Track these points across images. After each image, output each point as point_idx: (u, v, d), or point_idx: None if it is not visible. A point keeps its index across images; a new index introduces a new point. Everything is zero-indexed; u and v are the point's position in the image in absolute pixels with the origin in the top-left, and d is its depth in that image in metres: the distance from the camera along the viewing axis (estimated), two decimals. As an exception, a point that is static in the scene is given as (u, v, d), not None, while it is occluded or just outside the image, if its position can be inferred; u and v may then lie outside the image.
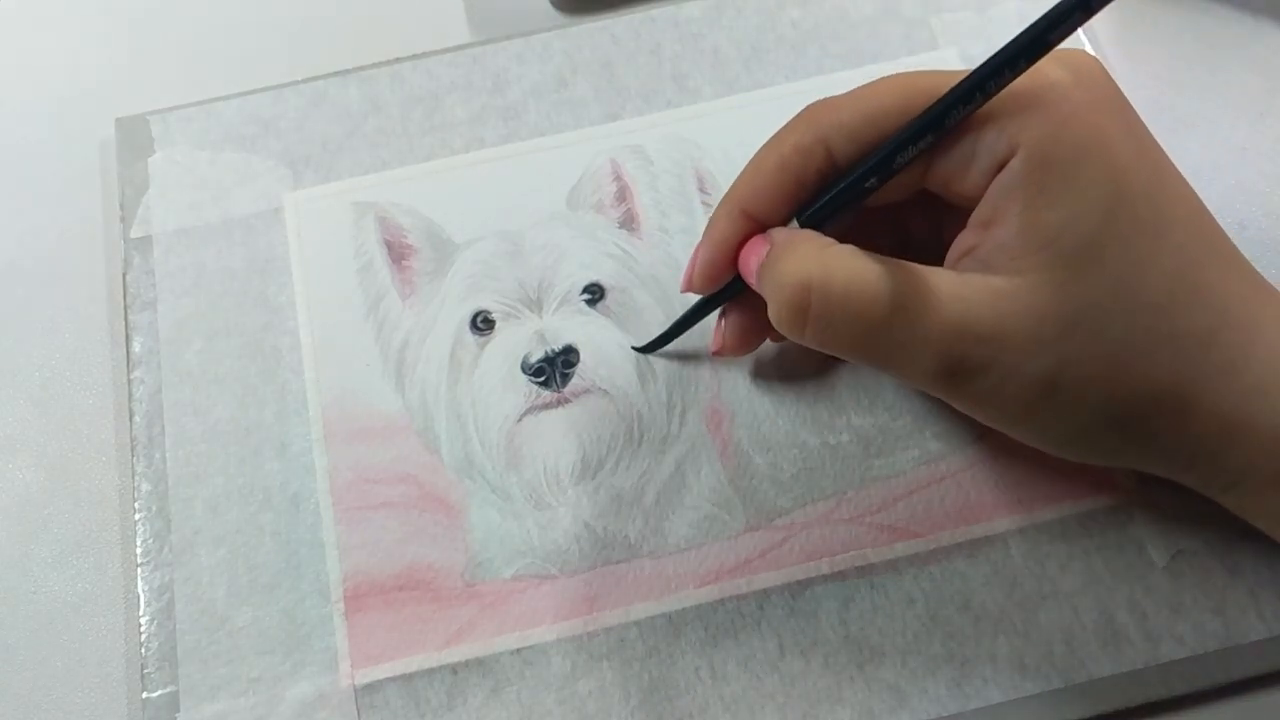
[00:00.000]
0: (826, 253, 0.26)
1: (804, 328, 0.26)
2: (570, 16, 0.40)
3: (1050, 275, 0.25)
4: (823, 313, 0.26)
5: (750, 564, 0.31)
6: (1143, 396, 0.25)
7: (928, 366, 0.25)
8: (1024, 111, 0.25)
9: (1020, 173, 0.25)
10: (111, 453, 0.34)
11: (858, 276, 0.25)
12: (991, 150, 0.25)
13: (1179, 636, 0.29)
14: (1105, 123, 0.25)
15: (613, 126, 0.37)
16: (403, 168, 0.37)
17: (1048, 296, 0.25)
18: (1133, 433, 0.26)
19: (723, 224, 0.29)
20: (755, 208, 0.28)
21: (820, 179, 0.28)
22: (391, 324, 0.34)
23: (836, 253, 0.26)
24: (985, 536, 0.31)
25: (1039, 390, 0.25)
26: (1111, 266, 0.25)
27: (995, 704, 0.29)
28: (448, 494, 0.32)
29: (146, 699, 0.30)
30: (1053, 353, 0.25)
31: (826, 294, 0.26)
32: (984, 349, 0.25)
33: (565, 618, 0.30)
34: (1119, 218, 0.25)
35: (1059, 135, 0.25)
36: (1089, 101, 0.25)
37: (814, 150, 0.27)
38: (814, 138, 0.27)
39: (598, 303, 0.34)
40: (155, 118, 0.38)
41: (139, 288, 0.35)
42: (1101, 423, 0.26)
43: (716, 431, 0.32)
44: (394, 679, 0.30)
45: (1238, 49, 0.38)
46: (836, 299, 0.25)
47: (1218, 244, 0.26)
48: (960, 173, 0.26)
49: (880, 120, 0.26)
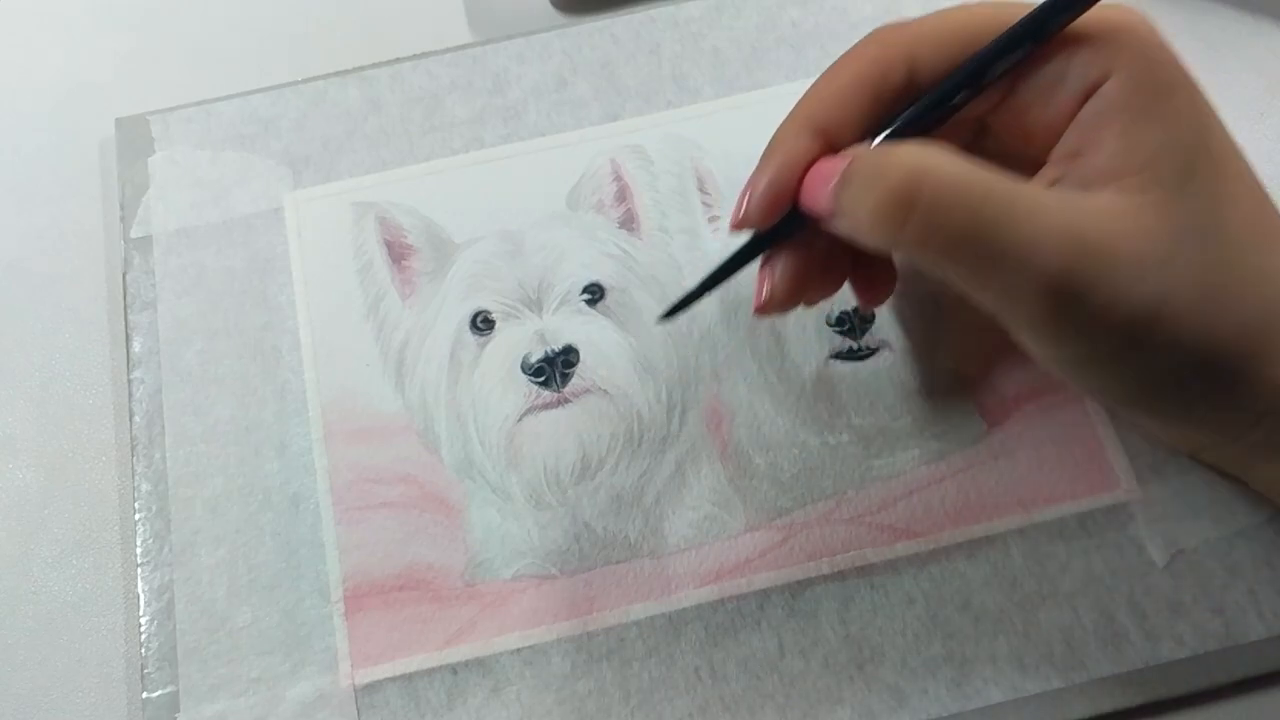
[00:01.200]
0: (931, 148, 0.25)
1: (907, 221, 0.24)
2: (570, 16, 0.40)
3: (1154, 195, 0.25)
4: (933, 202, 0.24)
5: (750, 564, 0.31)
6: (1232, 334, 0.25)
7: (1036, 277, 0.24)
8: (1115, 41, 0.25)
9: (1118, 96, 0.25)
10: (111, 453, 0.34)
11: (969, 172, 0.24)
12: (1084, 73, 0.25)
13: (1179, 636, 0.29)
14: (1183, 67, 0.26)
15: (613, 126, 0.37)
16: (403, 168, 0.37)
17: (1153, 216, 0.24)
18: (1216, 376, 0.26)
19: (791, 142, 0.26)
20: (829, 121, 0.26)
21: (896, 99, 0.26)
22: (391, 324, 0.34)
23: (942, 149, 0.25)
24: (985, 536, 0.31)
25: (1143, 317, 0.24)
26: (1204, 194, 0.25)
27: (995, 704, 0.29)
28: (448, 494, 0.32)
29: (146, 699, 0.30)
30: (1158, 277, 0.24)
31: (939, 181, 0.24)
32: (1096, 264, 0.24)
33: (565, 618, 0.30)
34: (1207, 149, 0.25)
35: (1153, 65, 0.25)
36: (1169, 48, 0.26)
37: (895, 65, 0.26)
38: (896, 52, 0.26)
39: (597, 303, 0.34)
40: (155, 118, 0.38)
41: (139, 288, 0.35)
42: (1191, 363, 0.25)
43: (716, 431, 0.32)
44: (394, 679, 0.30)
45: (1238, 49, 0.38)
46: (948, 188, 0.24)
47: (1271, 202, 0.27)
48: (1045, 96, 0.26)
49: (969, 34, 0.26)
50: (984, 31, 0.26)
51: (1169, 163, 0.25)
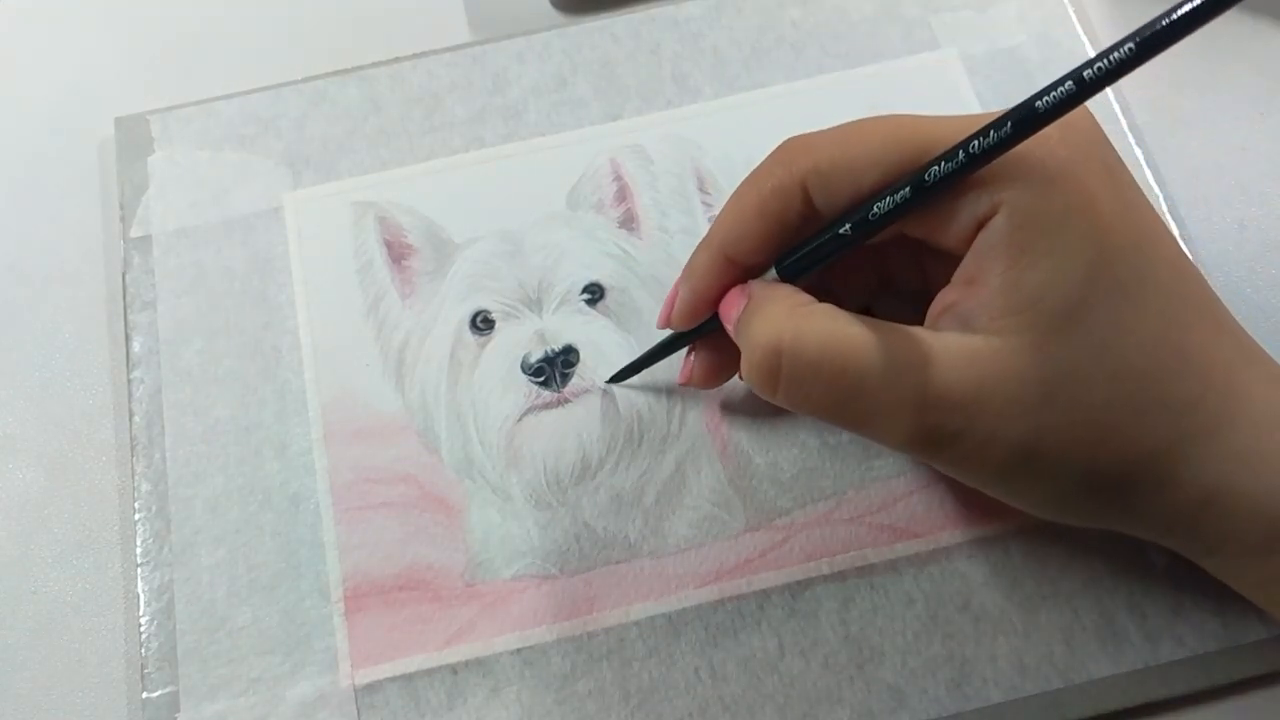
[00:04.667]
0: (798, 313, 0.26)
1: (775, 390, 0.26)
2: (570, 16, 0.40)
3: (1031, 338, 0.24)
4: (793, 377, 0.25)
5: (750, 564, 0.31)
6: (1122, 464, 0.25)
7: (902, 433, 0.25)
8: (1009, 171, 0.24)
9: (1003, 232, 0.24)
10: (111, 453, 0.34)
11: (830, 341, 0.25)
12: (973, 208, 0.25)
13: (1179, 637, 0.29)
14: (1091, 183, 0.25)
15: (613, 126, 0.37)
16: (403, 168, 0.37)
17: (1027, 360, 0.24)
18: (1111, 499, 0.25)
19: (704, 268, 0.28)
20: (736, 251, 0.28)
21: (801, 221, 0.27)
22: (391, 324, 0.34)
23: (809, 313, 0.26)
24: (985, 536, 0.31)
25: (1016, 457, 0.24)
26: (1093, 331, 0.24)
27: (995, 704, 0.29)
28: (448, 494, 0.32)
29: (146, 699, 0.30)
30: (1031, 419, 0.24)
31: (796, 359, 0.25)
32: (960, 415, 0.24)
33: (565, 618, 0.30)
34: (1102, 281, 0.24)
35: (1043, 196, 0.24)
36: (1075, 160, 0.25)
37: (793, 193, 0.26)
38: (793, 181, 0.26)
39: (597, 302, 0.34)
40: (155, 117, 0.38)
41: (139, 288, 0.35)
42: (1080, 490, 0.25)
43: (716, 431, 0.32)
44: (394, 679, 0.30)
45: (1238, 49, 0.38)
46: (807, 365, 0.25)
47: (1204, 306, 0.26)
48: (941, 228, 0.25)
49: (859, 168, 0.26)
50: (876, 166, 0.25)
51: (1051, 304, 0.24)
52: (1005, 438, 0.24)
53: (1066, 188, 0.24)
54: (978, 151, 0.23)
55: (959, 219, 0.25)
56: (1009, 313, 0.24)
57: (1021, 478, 0.25)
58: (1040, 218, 0.24)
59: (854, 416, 0.26)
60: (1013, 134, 0.23)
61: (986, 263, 0.25)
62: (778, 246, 0.28)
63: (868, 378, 0.25)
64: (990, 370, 0.24)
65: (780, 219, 0.27)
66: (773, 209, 0.27)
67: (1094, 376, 0.24)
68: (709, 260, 0.28)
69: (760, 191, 0.27)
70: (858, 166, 0.26)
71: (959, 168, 0.24)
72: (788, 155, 0.27)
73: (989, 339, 0.24)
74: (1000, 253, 0.24)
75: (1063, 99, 0.22)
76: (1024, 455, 0.24)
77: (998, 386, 0.24)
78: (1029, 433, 0.24)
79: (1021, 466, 0.25)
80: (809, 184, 0.26)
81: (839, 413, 0.26)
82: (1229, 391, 0.25)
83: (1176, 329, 0.25)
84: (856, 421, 0.26)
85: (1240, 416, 0.25)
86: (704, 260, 0.28)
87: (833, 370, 0.25)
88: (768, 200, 0.27)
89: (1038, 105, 0.22)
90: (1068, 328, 0.24)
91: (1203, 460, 0.24)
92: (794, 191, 0.26)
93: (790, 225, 0.27)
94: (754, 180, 0.28)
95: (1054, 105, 0.22)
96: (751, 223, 0.27)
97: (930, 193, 0.24)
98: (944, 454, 0.25)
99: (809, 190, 0.26)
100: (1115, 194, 0.25)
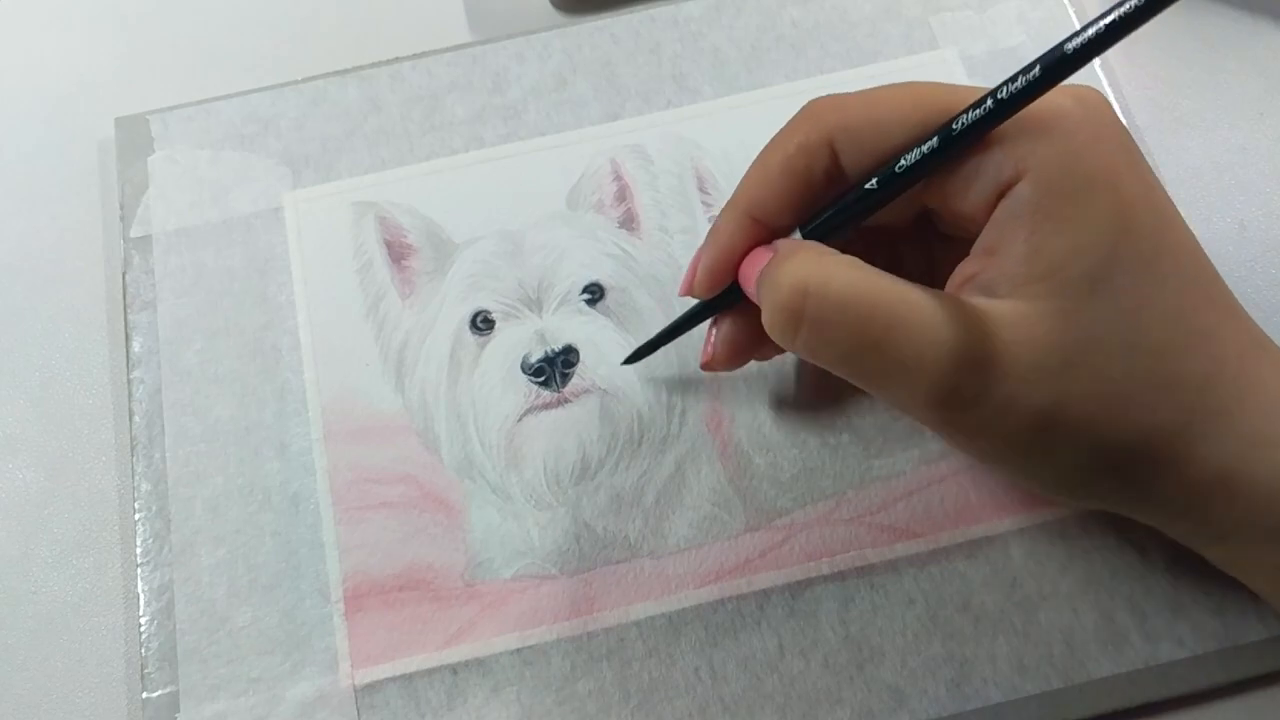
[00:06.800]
0: (826, 259, 0.25)
1: (796, 333, 0.25)
2: (570, 16, 0.40)
3: (1053, 304, 0.24)
4: (817, 318, 0.25)
5: (750, 564, 0.31)
6: (1138, 440, 0.24)
7: (921, 390, 0.24)
8: (1033, 138, 0.24)
9: (1028, 199, 0.24)
10: (111, 453, 0.34)
11: (856, 285, 0.25)
12: (996, 172, 0.25)
13: (1179, 637, 0.29)
14: (1114, 159, 0.25)
15: (613, 126, 0.37)
16: (402, 167, 0.37)
17: (1049, 326, 0.24)
18: (1126, 478, 0.25)
19: (728, 228, 0.28)
20: (761, 212, 0.27)
21: (827, 180, 0.27)
22: (391, 324, 0.34)
23: (837, 260, 0.25)
24: (985, 536, 0.31)
25: (1035, 426, 0.24)
26: (1115, 301, 0.24)
27: (995, 704, 0.29)
28: (448, 494, 0.32)
29: (146, 699, 0.30)
30: (1053, 386, 0.24)
31: (823, 298, 0.25)
32: (979, 378, 0.24)
33: (565, 618, 0.30)
34: (1124, 252, 0.24)
35: (1069, 164, 0.24)
36: (1097, 135, 0.25)
37: (820, 150, 0.26)
38: (820, 137, 0.26)
39: (598, 302, 0.34)
40: (155, 117, 0.38)
41: (139, 287, 0.35)
42: (1096, 465, 0.25)
43: (716, 431, 0.32)
44: (394, 679, 0.30)
45: (1238, 49, 0.38)
46: (832, 305, 0.25)
47: (1216, 292, 0.26)
48: (961, 191, 0.26)
49: (888, 127, 0.26)
50: (906, 124, 0.25)
51: (1075, 271, 0.24)
52: (1024, 404, 0.24)
53: (1090, 159, 0.24)
54: (1006, 97, 0.23)
55: (981, 183, 0.25)
56: (1032, 279, 0.24)
57: (1037, 448, 0.25)
58: (1065, 185, 0.24)
59: (873, 369, 0.25)
60: (1041, 78, 0.23)
61: (1009, 230, 0.25)
62: (802, 208, 0.27)
63: (893, 328, 0.24)
64: (1012, 335, 0.24)
65: (806, 177, 0.27)
66: (799, 166, 0.27)
67: (1113, 347, 0.24)
68: (733, 221, 0.28)
69: (786, 149, 0.27)
70: (886, 124, 0.26)
71: (987, 114, 0.24)
72: (815, 112, 0.27)
73: (1014, 303, 0.24)
74: (1024, 220, 0.24)
75: (1093, 40, 0.22)
76: (1041, 423, 0.24)
77: (1019, 352, 0.24)
78: (1047, 400, 0.24)
79: (1038, 436, 0.25)
80: (836, 141, 0.26)
81: (858, 363, 0.25)
82: (1241, 374, 0.25)
83: (1191, 310, 0.25)
84: (875, 375, 0.25)
85: (1251, 400, 0.25)
86: (728, 221, 0.28)
87: (859, 315, 0.24)
88: (794, 157, 0.27)
89: (1066, 48, 0.22)
90: (1090, 296, 0.24)
91: (1215, 440, 0.24)
92: (821, 149, 0.26)
93: (815, 185, 0.27)
94: (780, 139, 0.27)
95: (1083, 47, 0.22)
96: (776, 181, 0.27)
97: (957, 143, 0.24)
98: (961, 420, 0.25)
99: (836, 148, 0.26)
100: (1135, 174, 0.25)
